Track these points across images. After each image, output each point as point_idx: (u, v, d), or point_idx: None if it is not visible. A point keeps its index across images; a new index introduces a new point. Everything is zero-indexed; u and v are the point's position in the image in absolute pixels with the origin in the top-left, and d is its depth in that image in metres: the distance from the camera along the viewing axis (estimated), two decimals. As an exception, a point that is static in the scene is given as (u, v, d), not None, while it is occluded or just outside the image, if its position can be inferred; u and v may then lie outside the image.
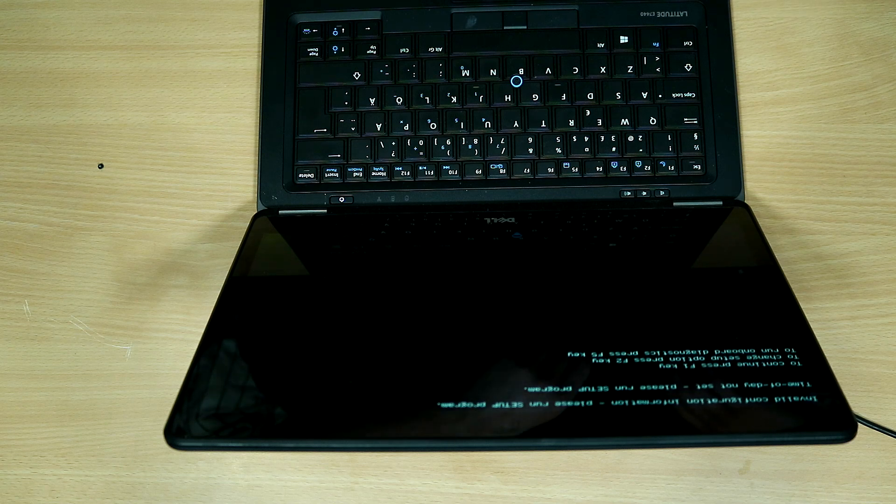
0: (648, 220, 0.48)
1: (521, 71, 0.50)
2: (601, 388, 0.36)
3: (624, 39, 0.50)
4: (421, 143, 0.50)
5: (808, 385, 0.35)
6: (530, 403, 0.36)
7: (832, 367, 0.36)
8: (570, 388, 0.36)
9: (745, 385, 0.36)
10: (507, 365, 0.38)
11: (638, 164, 0.49)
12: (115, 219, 0.51)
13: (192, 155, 0.52)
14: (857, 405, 0.46)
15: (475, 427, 0.35)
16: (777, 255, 0.43)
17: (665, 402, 0.35)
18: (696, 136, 0.49)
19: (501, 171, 0.49)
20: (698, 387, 0.36)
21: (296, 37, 0.51)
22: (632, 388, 0.37)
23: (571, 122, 0.49)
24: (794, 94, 0.51)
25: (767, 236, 0.45)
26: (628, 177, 0.49)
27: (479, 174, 0.49)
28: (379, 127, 0.50)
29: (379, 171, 0.50)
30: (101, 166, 0.51)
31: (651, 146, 0.49)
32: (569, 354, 0.38)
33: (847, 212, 0.49)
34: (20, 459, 0.47)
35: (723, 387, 0.36)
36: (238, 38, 0.53)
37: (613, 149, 0.49)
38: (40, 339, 0.49)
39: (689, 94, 0.49)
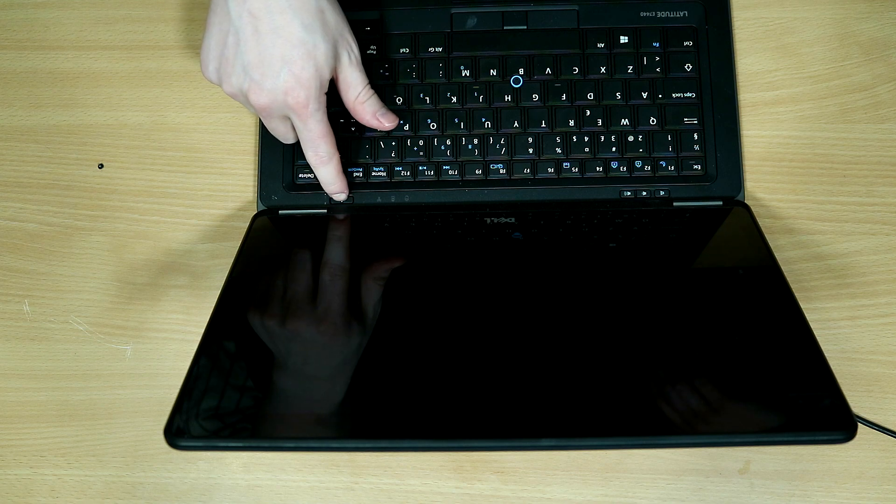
0: (648, 220, 0.48)
1: (521, 71, 0.50)
2: (601, 388, 0.37)
3: (624, 39, 0.50)
4: (421, 143, 0.50)
5: (808, 385, 0.35)
6: (529, 402, 0.36)
7: (832, 367, 0.36)
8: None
9: (746, 385, 0.37)
10: (506, 364, 0.38)
11: (638, 164, 0.49)
12: (115, 219, 0.51)
13: (192, 155, 0.52)
14: (857, 405, 0.46)
15: (475, 427, 0.35)
16: (777, 255, 0.43)
17: (665, 402, 0.35)
18: (696, 136, 0.49)
19: (501, 171, 0.49)
20: (698, 387, 0.36)
21: (296, 37, 0.51)
22: (632, 387, 0.37)
23: (571, 122, 0.49)
24: (794, 94, 0.51)
25: (767, 236, 0.45)
26: (628, 177, 0.49)
27: (479, 174, 0.49)
28: (379, 127, 0.50)
29: (379, 170, 0.50)
30: (101, 166, 0.51)
31: (651, 146, 0.49)
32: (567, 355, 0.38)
33: (847, 212, 0.49)
34: (20, 459, 0.47)
35: (723, 387, 0.36)
36: (238, 38, 0.53)
37: (613, 149, 0.49)
38: (40, 339, 0.49)
39: (689, 94, 0.49)
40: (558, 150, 0.49)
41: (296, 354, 0.40)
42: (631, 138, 0.49)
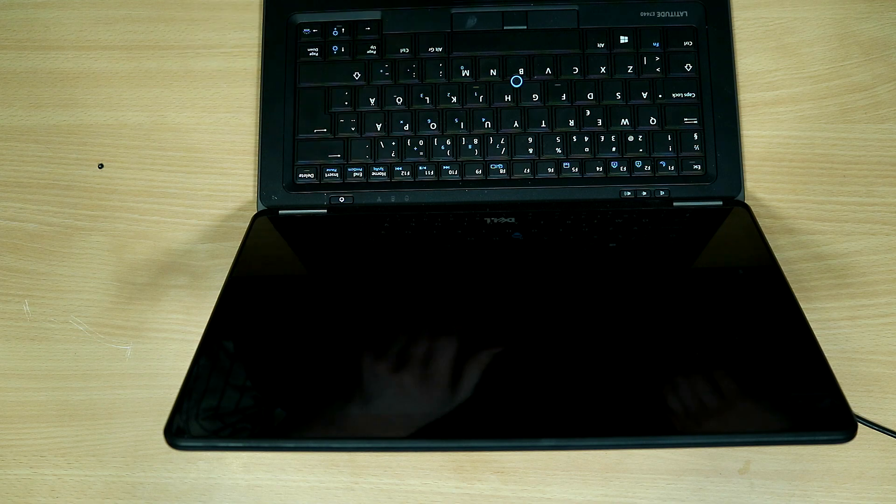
0: (648, 220, 0.48)
1: (521, 71, 0.50)
2: (601, 388, 0.37)
3: (624, 39, 0.50)
4: (421, 143, 0.50)
5: (808, 385, 0.35)
6: (529, 402, 0.36)
7: (832, 367, 0.36)
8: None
9: (746, 385, 0.36)
10: (506, 364, 0.38)
11: (638, 164, 0.49)
12: (115, 219, 0.51)
13: (192, 155, 0.52)
14: (857, 405, 0.46)
15: (475, 427, 0.35)
16: (777, 255, 0.43)
17: (665, 402, 0.35)
18: (696, 136, 0.49)
19: (501, 171, 0.49)
20: (698, 387, 0.36)
21: (296, 37, 0.51)
22: (632, 388, 0.37)
23: (571, 122, 0.49)
24: (794, 94, 0.51)
25: (767, 236, 0.45)
26: (628, 177, 0.49)
27: (479, 174, 0.49)
28: (379, 127, 0.50)
29: (379, 171, 0.50)
30: (101, 166, 0.51)
31: (651, 146, 0.49)
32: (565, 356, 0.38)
33: (847, 212, 0.49)
34: (20, 459, 0.47)
35: (723, 387, 0.36)
36: (238, 38, 0.53)
37: (613, 149, 0.49)
38: (40, 339, 0.49)
39: (689, 94, 0.49)
40: (558, 150, 0.49)
41: (296, 354, 0.40)
42: (631, 138, 0.49)
